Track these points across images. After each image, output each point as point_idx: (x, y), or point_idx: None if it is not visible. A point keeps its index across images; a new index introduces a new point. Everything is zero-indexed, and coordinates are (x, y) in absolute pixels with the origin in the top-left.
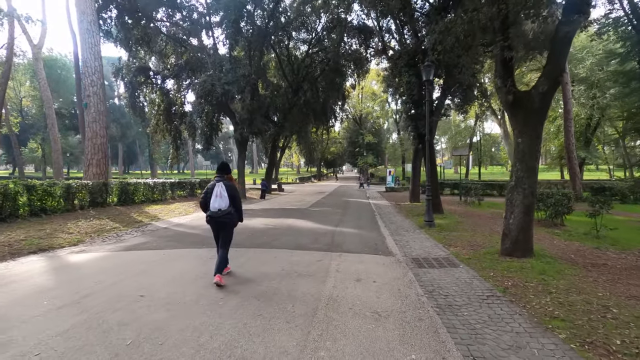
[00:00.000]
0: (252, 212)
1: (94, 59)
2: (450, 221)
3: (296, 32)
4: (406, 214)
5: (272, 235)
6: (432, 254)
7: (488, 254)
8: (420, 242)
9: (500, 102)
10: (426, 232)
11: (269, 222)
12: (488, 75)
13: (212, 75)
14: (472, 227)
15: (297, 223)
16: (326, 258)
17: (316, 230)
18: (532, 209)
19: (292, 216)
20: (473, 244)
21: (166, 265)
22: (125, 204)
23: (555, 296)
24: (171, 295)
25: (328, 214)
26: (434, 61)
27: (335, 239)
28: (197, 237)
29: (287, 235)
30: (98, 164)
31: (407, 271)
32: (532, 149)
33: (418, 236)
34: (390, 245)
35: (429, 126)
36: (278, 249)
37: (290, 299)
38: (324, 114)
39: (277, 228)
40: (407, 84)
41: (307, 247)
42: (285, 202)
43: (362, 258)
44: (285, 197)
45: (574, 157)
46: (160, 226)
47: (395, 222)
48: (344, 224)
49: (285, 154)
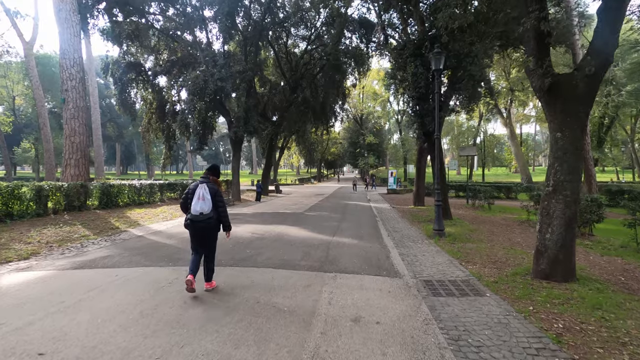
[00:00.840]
0: (243, 216)
1: (73, 51)
2: (461, 229)
3: (295, 29)
4: (411, 220)
5: (257, 247)
6: (447, 275)
7: (517, 275)
8: (431, 256)
9: (533, 88)
10: (436, 243)
11: (257, 229)
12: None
13: (205, 71)
14: (487, 236)
15: (289, 231)
16: (317, 281)
17: (309, 240)
18: (574, 222)
19: (285, 222)
20: (494, 260)
21: (109, 294)
22: (107, 207)
23: (632, 350)
24: (85, 353)
25: (325, 219)
26: (444, 49)
27: (330, 252)
28: (168, 250)
29: (274, 248)
30: (77, 165)
31: (420, 303)
32: (576, 145)
33: (427, 248)
34: (396, 261)
35: (438, 122)
36: (259, 267)
37: None
38: (323, 113)
39: (265, 238)
40: (414, 75)
41: (296, 264)
42: (280, 206)
43: (363, 281)
44: (281, 199)
45: (590, 157)
46: (135, 234)
47: (400, 229)
48: (341, 233)
49: (285, 154)
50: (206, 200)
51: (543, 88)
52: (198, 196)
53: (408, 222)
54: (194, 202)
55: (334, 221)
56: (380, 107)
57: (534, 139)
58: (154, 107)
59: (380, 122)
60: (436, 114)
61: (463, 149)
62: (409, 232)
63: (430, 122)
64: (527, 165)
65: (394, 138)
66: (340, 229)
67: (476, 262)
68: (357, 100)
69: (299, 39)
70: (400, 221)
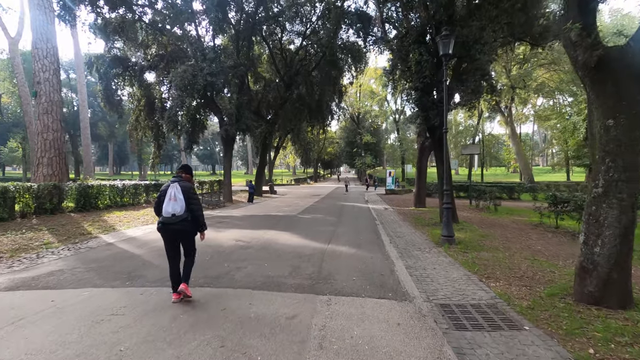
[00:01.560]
0: (230, 220)
1: (46, 40)
2: (471, 235)
3: (290, 24)
4: (414, 224)
5: (239, 259)
6: (468, 296)
7: (555, 297)
8: (444, 270)
9: (574, 64)
10: (446, 251)
11: (244, 235)
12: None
13: (193, 66)
14: (502, 243)
15: (278, 237)
16: (306, 309)
17: (301, 249)
18: (632, 231)
19: (276, 227)
20: (520, 274)
21: (26, 332)
22: (84, 210)
23: None
24: None
25: (320, 223)
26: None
27: (324, 265)
28: (131, 264)
29: (259, 260)
30: (50, 163)
31: (442, 343)
32: (633, 135)
33: (437, 259)
34: (403, 276)
35: (446, 113)
36: (236, 288)
37: None
38: (319, 110)
39: (251, 246)
40: (417, 64)
41: (282, 283)
42: (273, 207)
43: (364, 307)
44: (275, 200)
45: None
46: (105, 241)
47: (403, 234)
48: (338, 239)
49: (281, 154)
50: (178, 200)
51: (589, 64)
52: (170, 196)
53: (411, 225)
54: (165, 203)
55: (330, 225)
56: (378, 106)
57: (532, 138)
58: (142, 104)
59: (378, 121)
60: (444, 104)
61: (466, 147)
62: (413, 237)
63: (435, 116)
64: (529, 165)
65: (391, 138)
66: (336, 234)
67: (499, 277)
68: (354, 99)
69: (294, 35)
70: (402, 225)
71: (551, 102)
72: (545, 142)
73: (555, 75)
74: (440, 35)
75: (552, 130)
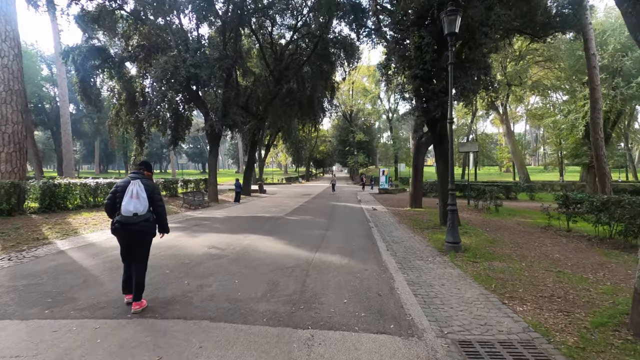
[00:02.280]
0: (210, 222)
1: (5, 22)
2: (477, 240)
3: (280, 17)
4: (411, 226)
5: (206, 273)
6: (492, 327)
7: (606, 329)
8: (454, 286)
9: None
10: (453, 261)
11: (220, 241)
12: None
13: (175, 56)
14: (514, 250)
15: (259, 244)
16: (277, 356)
17: (283, 259)
18: None
19: (259, 230)
20: (549, 293)
21: None
22: (50, 210)
23: None
24: None
25: (308, 226)
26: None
27: (308, 282)
28: (68, 281)
29: (229, 275)
30: (8, 159)
31: None
32: None
33: (444, 271)
34: (405, 296)
35: (452, 101)
36: (189, 319)
37: None
38: (311, 107)
39: (224, 255)
40: (417, 49)
41: (251, 310)
42: (260, 208)
43: (358, 350)
44: (264, 200)
45: (603, 154)
46: (58, 248)
47: (401, 239)
48: (327, 246)
49: (272, 152)
50: (141, 198)
51: None
52: (131, 194)
53: (408, 228)
54: (125, 202)
55: (319, 228)
56: (371, 104)
57: (524, 138)
58: (123, 98)
59: (371, 119)
60: (449, 92)
61: (463, 144)
62: (412, 243)
63: (436, 107)
64: (525, 164)
65: (384, 136)
66: (325, 239)
67: (524, 297)
68: (346, 97)
69: (284, 29)
70: (398, 227)
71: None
72: (537, 142)
73: (551, 73)
74: (446, 10)
75: (546, 130)
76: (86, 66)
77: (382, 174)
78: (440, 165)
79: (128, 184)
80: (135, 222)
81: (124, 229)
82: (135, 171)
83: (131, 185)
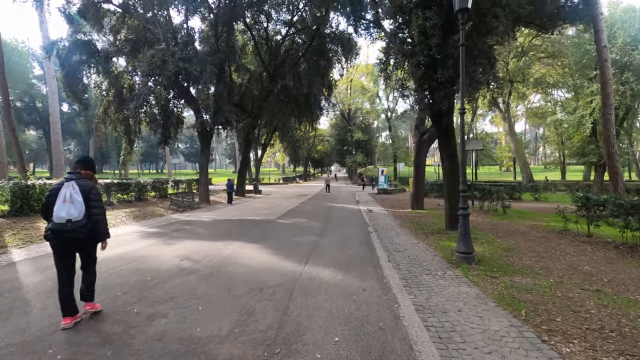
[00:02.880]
0: (193, 227)
1: None
2: (491, 247)
3: (276, 12)
4: (414, 231)
5: (164, 297)
6: None
7: None
8: (474, 312)
9: None
10: (466, 275)
11: (196, 250)
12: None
13: (163, 50)
14: (535, 261)
15: (241, 254)
16: None
17: (264, 274)
18: None
19: (245, 236)
20: (598, 324)
21: None
22: (21, 214)
23: None
24: None
25: (300, 231)
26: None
27: (292, 309)
28: None
29: (193, 299)
30: None
31: None
32: None
33: (458, 290)
34: (415, 331)
35: (463, 89)
36: None
37: None
38: (307, 105)
39: (195, 270)
40: (421, 33)
41: (207, 359)
42: (252, 210)
43: None
44: (257, 201)
45: (615, 151)
46: (11, 260)
47: (403, 247)
48: (319, 256)
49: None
50: (75, 202)
51: None
52: (63, 198)
53: (411, 233)
54: (57, 207)
55: (312, 234)
56: (369, 102)
57: (524, 137)
58: (111, 95)
59: (369, 118)
60: (461, 79)
61: (468, 142)
62: (417, 251)
63: (442, 98)
64: (527, 163)
65: (382, 136)
66: (318, 247)
67: (568, 331)
68: (344, 95)
69: (280, 24)
70: (400, 232)
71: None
72: (537, 141)
73: (553, 70)
74: None
75: (547, 129)
76: (71, 61)
77: (381, 174)
78: (446, 163)
79: (61, 187)
80: (70, 229)
81: (58, 237)
82: (71, 171)
83: (64, 188)
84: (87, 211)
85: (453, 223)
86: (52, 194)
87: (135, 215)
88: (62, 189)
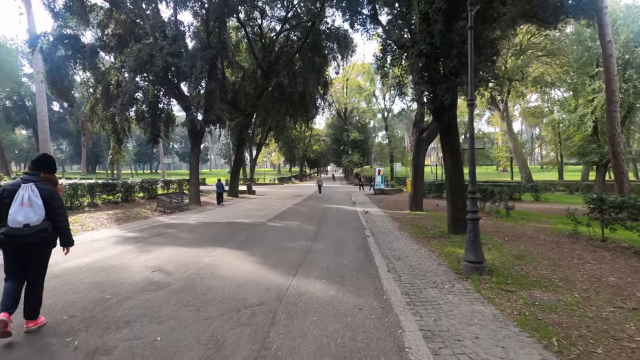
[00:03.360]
0: (176, 230)
1: None
2: (500, 254)
3: (270, 8)
4: (415, 235)
5: (117, 322)
6: None
7: None
8: (496, 341)
9: None
10: (478, 289)
11: (171, 259)
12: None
13: (151, 44)
14: (552, 270)
15: (222, 263)
16: None
17: (245, 290)
18: None
19: (230, 241)
20: None
21: None
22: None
23: None
24: None
25: (292, 235)
26: None
27: (271, 339)
28: None
29: (152, 325)
30: None
31: None
32: None
33: (471, 309)
34: None
35: (472, 78)
36: None
37: None
38: (303, 104)
39: (165, 285)
40: (423, 20)
41: None
42: (242, 212)
43: None
44: (250, 202)
45: (621, 150)
46: None
47: (404, 254)
48: (310, 265)
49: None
50: (35, 206)
51: None
52: (21, 201)
53: (411, 237)
54: (13, 210)
55: (304, 238)
56: (365, 102)
57: (521, 137)
58: (98, 92)
59: (365, 117)
60: (470, 66)
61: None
62: (419, 259)
63: (445, 91)
64: (526, 162)
65: (379, 136)
66: (310, 254)
67: None
68: (340, 94)
69: (274, 21)
70: (399, 237)
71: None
72: (533, 141)
73: (551, 69)
74: None
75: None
76: (56, 56)
77: (378, 174)
78: (449, 161)
79: (18, 189)
80: (27, 234)
81: (13, 243)
82: (28, 172)
83: (21, 190)
84: (52, 218)
85: (456, 226)
86: (5, 196)
87: (117, 217)
88: (19, 191)
